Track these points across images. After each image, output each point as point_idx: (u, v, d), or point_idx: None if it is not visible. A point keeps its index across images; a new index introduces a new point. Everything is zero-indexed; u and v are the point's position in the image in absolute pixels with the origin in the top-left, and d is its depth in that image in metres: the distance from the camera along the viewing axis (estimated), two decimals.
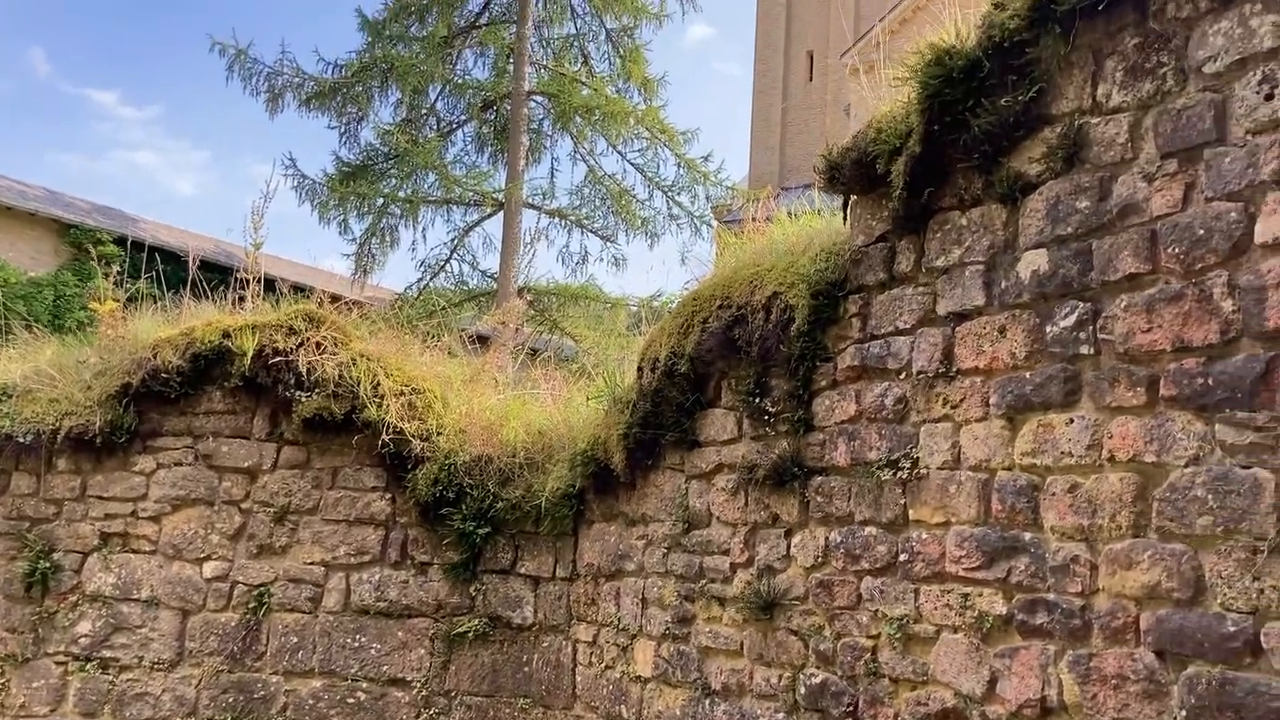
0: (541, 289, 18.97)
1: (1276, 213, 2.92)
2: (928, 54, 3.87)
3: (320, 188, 18.73)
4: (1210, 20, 3.15)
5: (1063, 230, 3.50)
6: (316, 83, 18.95)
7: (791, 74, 34.15)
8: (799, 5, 34.26)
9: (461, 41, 19.51)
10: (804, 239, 4.88)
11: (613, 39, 20.24)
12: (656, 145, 19.51)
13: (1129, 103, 3.36)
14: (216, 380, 6.56)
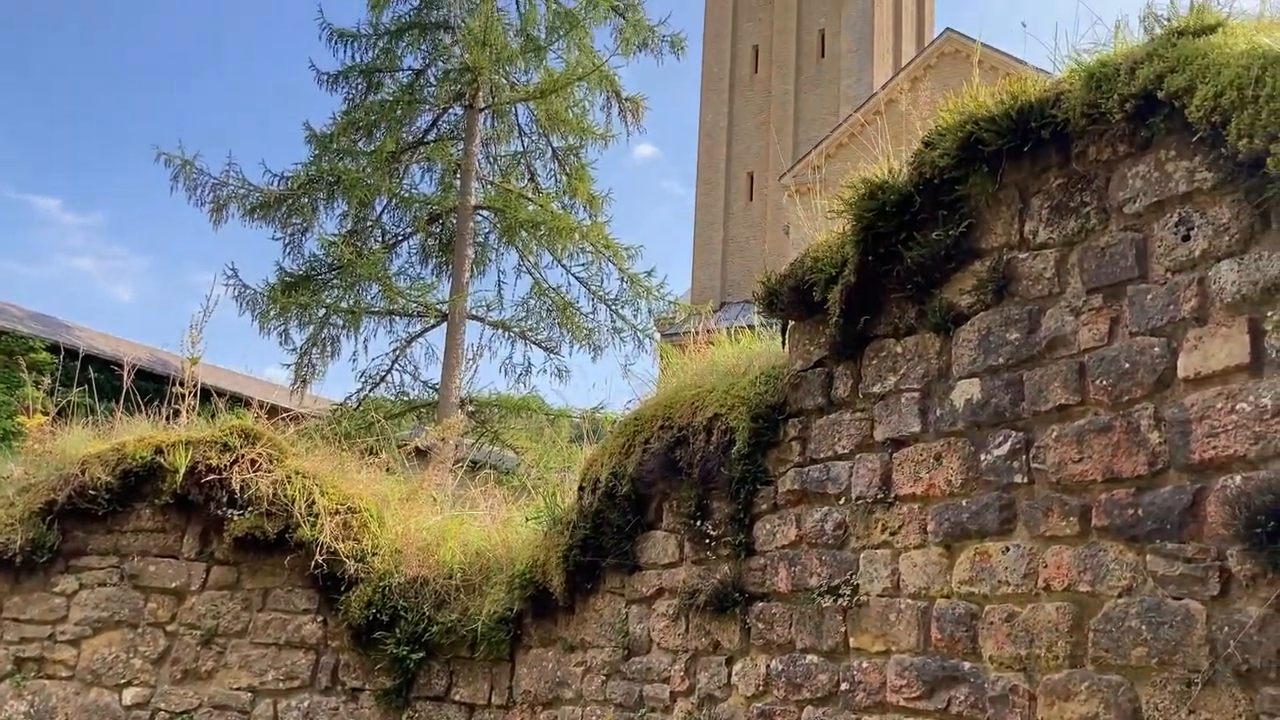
0: (484, 400, 18.91)
1: (1197, 348, 3.02)
2: (862, 188, 4.00)
3: (261, 298, 18.64)
4: (1129, 164, 3.29)
5: (994, 361, 3.59)
6: (262, 194, 19.02)
7: (732, 194, 34.99)
8: (739, 128, 35.30)
9: (409, 156, 19.77)
10: (744, 361, 4.93)
11: (559, 157, 20.64)
12: (601, 260, 19.78)
13: (1055, 239, 3.48)
14: (147, 497, 6.39)
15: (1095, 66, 3.38)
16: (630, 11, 20.77)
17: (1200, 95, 3.01)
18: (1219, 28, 3.16)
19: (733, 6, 36.25)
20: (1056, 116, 3.45)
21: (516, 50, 19.55)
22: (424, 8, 19.80)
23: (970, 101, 3.77)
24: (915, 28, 37.28)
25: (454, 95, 19.55)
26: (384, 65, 19.84)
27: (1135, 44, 3.38)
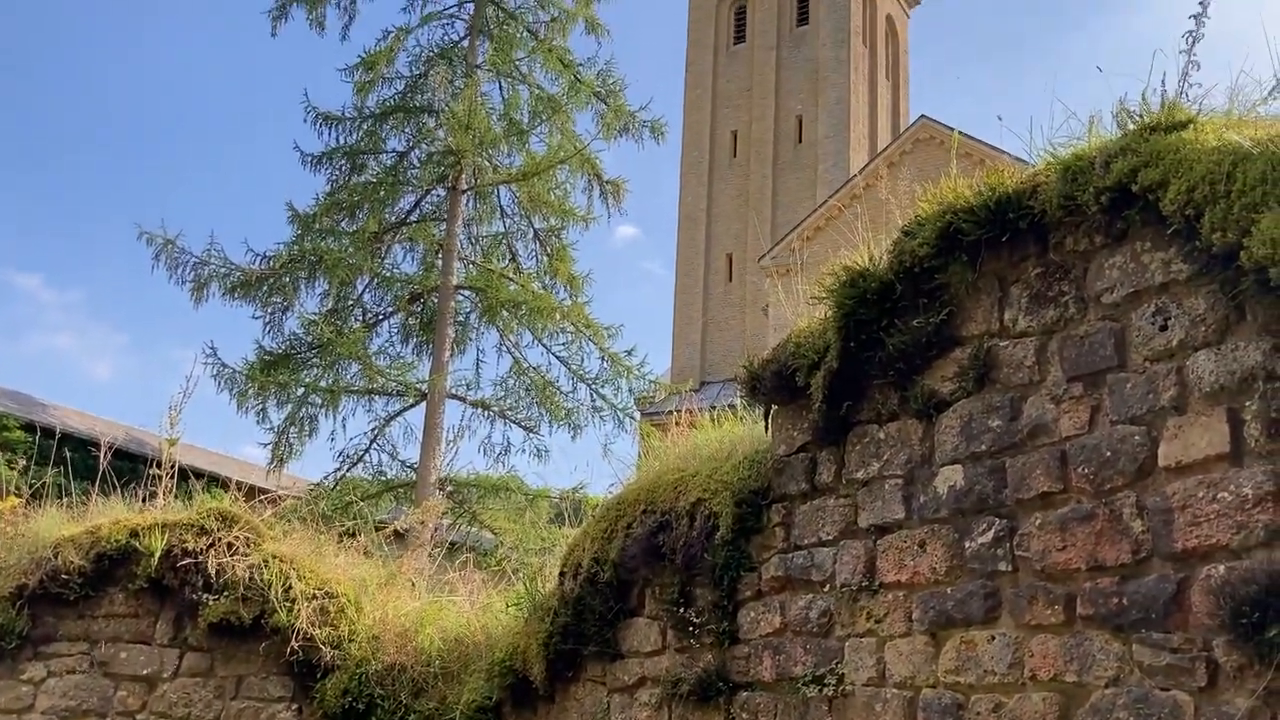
0: (462, 480, 18.78)
1: (1178, 437, 3.04)
2: (843, 275, 4.05)
3: (240, 376, 18.56)
4: (1105, 255, 3.35)
5: (977, 447, 3.60)
6: (243, 273, 19.06)
7: (712, 274, 35.32)
8: (718, 211, 35.76)
9: (391, 237, 19.90)
10: (727, 445, 4.93)
11: (540, 238, 20.83)
12: (581, 339, 19.84)
13: (1034, 327, 3.52)
14: (120, 581, 6.28)
15: (1070, 160, 3.46)
16: (612, 97, 21.15)
17: (1174, 189, 3.07)
18: (1190, 124, 3.25)
19: (712, 93, 36.98)
20: (1034, 208, 3.52)
21: (500, 134, 19.83)
22: (409, 92, 20.11)
23: (949, 192, 3.84)
24: (890, 114, 38.09)
25: (437, 177, 19.76)
26: (368, 147, 20.06)
27: (1109, 138, 3.47)
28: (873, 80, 37.20)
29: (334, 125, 20.01)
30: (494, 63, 20.76)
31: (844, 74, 34.92)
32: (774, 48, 36.41)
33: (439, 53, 20.49)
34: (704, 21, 37.90)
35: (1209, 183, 2.98)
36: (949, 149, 12.01)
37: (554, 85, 21.11)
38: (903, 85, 39.52)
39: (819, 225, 27.06)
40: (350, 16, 20.85)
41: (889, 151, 28.38)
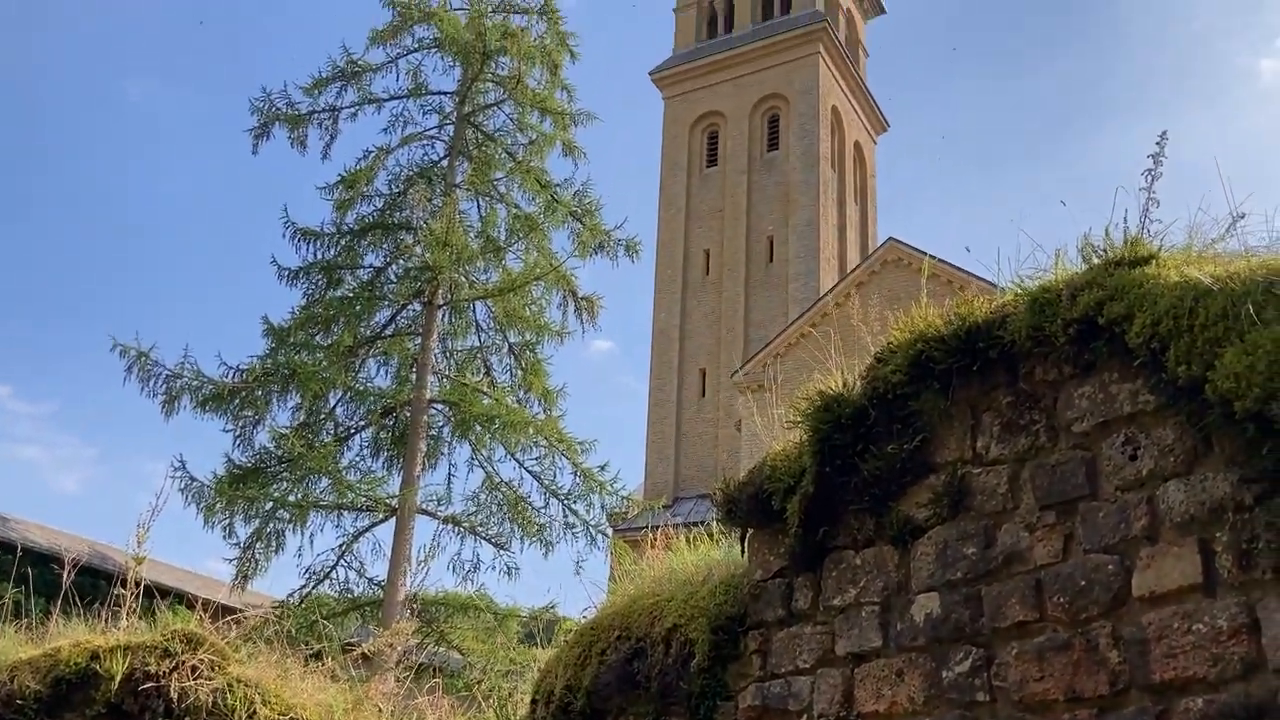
0: (430, 598, 18.44)
1: (1150, 567, 3.06)
2: (817, 399, 4.09)
3: (207, 490, 18.30)
4: (1074, 385, 3.42)
5: (952, 575, 3.60)
6: (215, 386, 18.97)
7: (685, 389, 35.48)
8: (691, 327, 36.13)
9: (366, 351, 19.94)
10: (703, 569, 4.90)
11: (515, 352, 20.92)
12: (555, 454, 19.76)
13: (1007, 455, 3.56)
14: (78, 707, 6.07)
15: (1038, 292, 3.55)
16: (588, 217, 21.54)
17: (1139, 323, 3.16)
18: (1152, 259, 3.36)
19: (685, 213, 37.73)
20: (1003, 338, 3.60)
21: (477, 251, 20.08)
22: (388, 210, 20.41)
23: (920, 320, 3.92)
24: (859, 235, 38.93)
25: (413, 292, 19.91)
26: (345, 262, 20.25)
27: (1075, 272, 3.57)
28: (841, 203, 38.11)
29: (312, 241, 20.22)
30: (472, 182, 21.16)
31: (813, 197, 35.78)
32: (745, 171, 37.34)
33: (418, 172, 20.88)
34: (678, 145, 38.89)
35: (1172, 317, 3.06)
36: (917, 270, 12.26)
37: (531, 204, 21.52)
38: (871, 207, 40.51)
39: (790, 343, 27.36)
40: (332, 136, 21.27)
41: (858, 273, 28.90)
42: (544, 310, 20.86)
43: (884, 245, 28.78)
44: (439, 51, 21.43)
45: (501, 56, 21.19)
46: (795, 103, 37.19)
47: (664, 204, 38.29)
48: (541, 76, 21.81)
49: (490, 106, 21.94)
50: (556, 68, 21.83)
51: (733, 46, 38.98)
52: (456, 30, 20.59)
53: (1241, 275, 3.00)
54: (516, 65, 21.07)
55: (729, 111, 38.31)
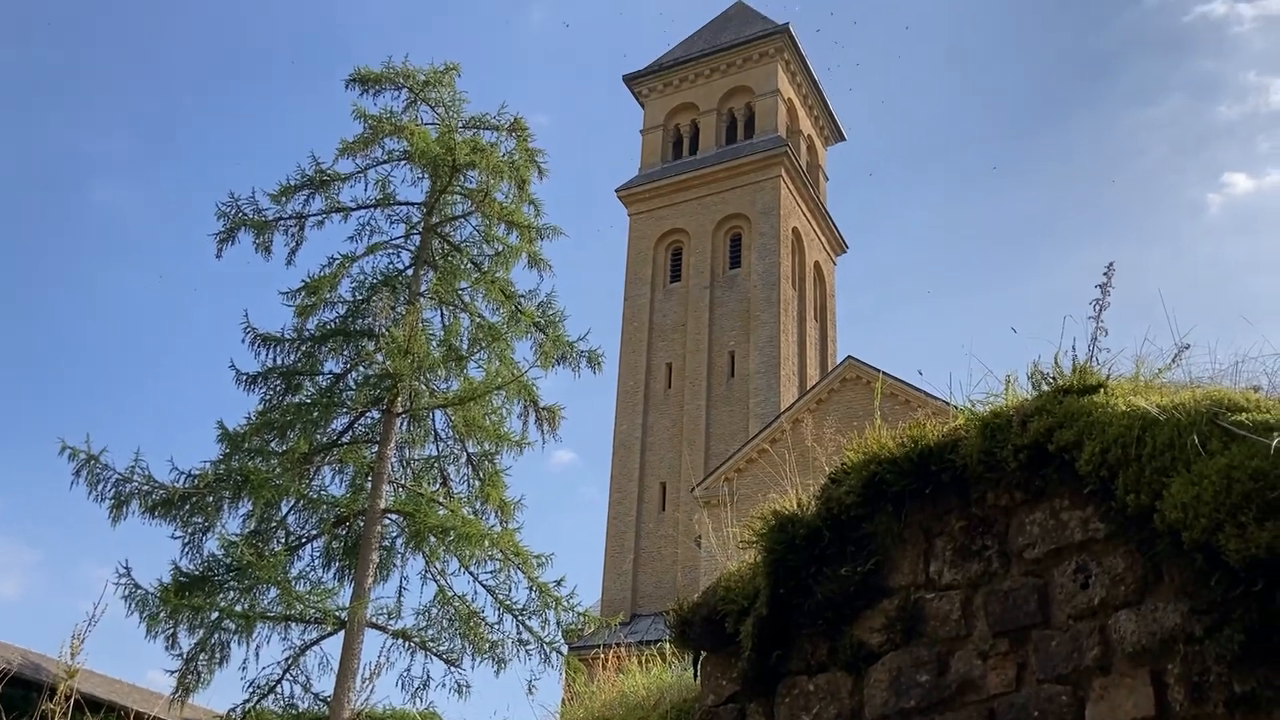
0: (377, 715, 17.86)
1: (1104, 698, 3.02)
2: (772, 520, 4.06)
3: (152, 599, 17.75)
4: (1026, 511, 3.42)
5: (906, 703, 3.53)
6: (165, 491, 18.57)
7: (645, 504, 35.23)
8: (653, 440, 36.09)
9: (322, 458, 19.66)
10: (655, 693, 4.79)
11: (474, 462, 20.71)
12: (510, 568, 19.41)
13: (960, 580, 3.54)
14: None
15: (989, 417, 3.58)
16: (551, 328, 21.62)
17: (1088, 450, 3.19)
18: (1100, 388, 3.41)
19: (648, 326, 38.05)
20: (955, 461, 3.61)
21: (438, 359, 20.03)
22: (350, 316, 20.38)
23: (873, 441, 3.93)
24: (819, 352, 39.39)
25: (372, 399, 19.76)
26: (305, 368, 20.10)
27: (1025, 397, 3.61)
28: (802, 320, 38.65)
29: (272, 346, 20.09)
30: (437, 291, 21.23)
31: (774, 314, 36.26)
32: (708, 287, 37.85)
33: (383, 280, 20.93)
34: (642, 260, 39.44)
35: (1121, 445, 3.09)
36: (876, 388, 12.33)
37: (495, 314, 21.57)
38: (830, 325, 41.10)
39: (751, 458, 27.34)
40: (297, 243, 21.31)
41: (818, 389, 29.13)
42: (504, 420, 20.74)
43: (843, 363, 29.09)
44: (408, 164, 21.72)
45: (470, 170, 21.50)
46: (757, 223, 37.99)
47: (628, 317, 38.63)
48: (509, 191, 22.12)
49: (458, 218, 22.17)
50: (524, 183, 22.17)
51: (697, 168, 39.91)
52: (427, 144, 20.90)
53: (1187, 406, 3.04)
54: (485, 180, 21.38)
55: (693, 229, 39.01)
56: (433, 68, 22.44)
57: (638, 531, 34.72)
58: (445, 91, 22.57)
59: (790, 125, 41.79)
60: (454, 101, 22.56)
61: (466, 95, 22.72)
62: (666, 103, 42.45)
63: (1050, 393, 3.48)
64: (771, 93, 40.40)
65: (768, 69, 41.01)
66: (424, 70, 22.40)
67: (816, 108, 44.43)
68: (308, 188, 21.32)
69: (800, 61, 42.31)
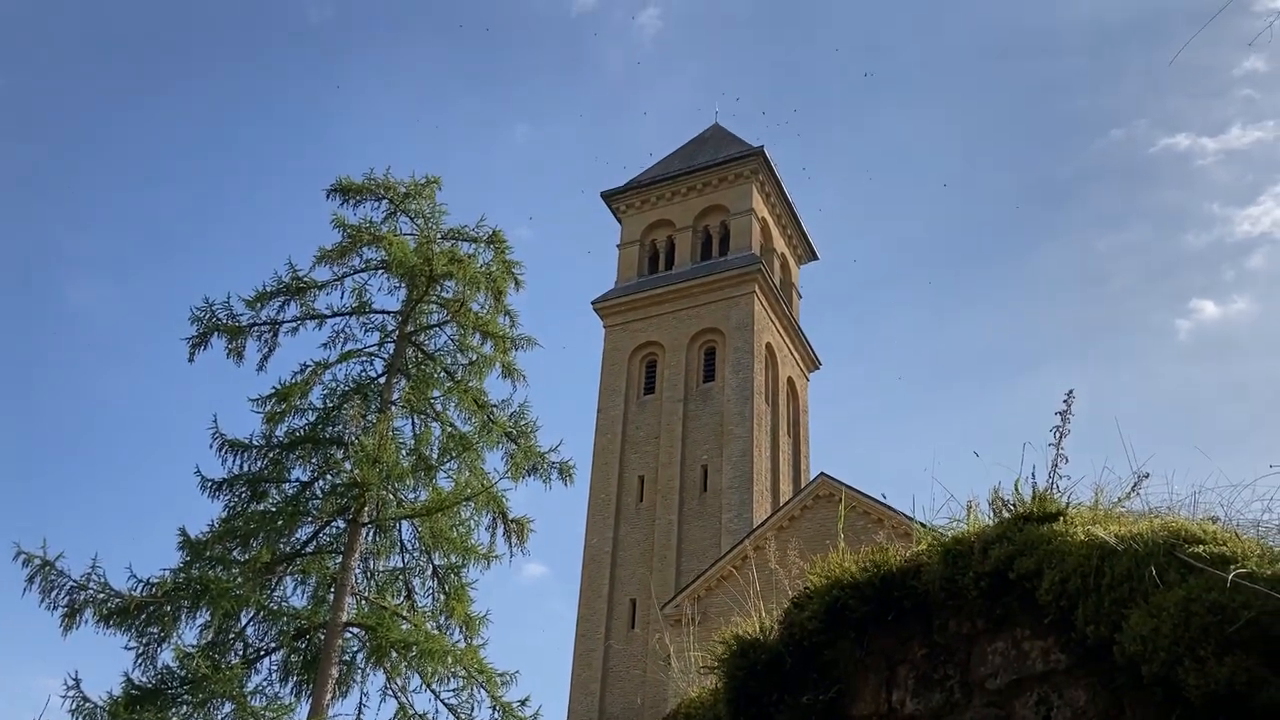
0: None
1: None
2: (734, 644, 4.01)
3: (101, 712, 17.14)
4: (988, 639, 3.39)
5: None
6: (121, 599, 18.10)
7: (614, 620, 34.65)
8: (624, 555, 35.70)
9: (284, 568, 19.27)
10: None
11: (439, 575, 20.35)
12: (473, 686, 18.92)
13: (922, 711, 3.48)
14: None
15: (951, 543, 3.58)
16: (523, 438, 21.52)
17: (1048, 579, 3.18)
18: (1060, 516, 3.41)
19: (621, 438, 37.98)
20: (917, 588, 3.59)
21: (407, 468, 19.84)
22: (320, 424, 20.24)
23: (836, 565, 3.91)
24: (791, 467, 39.36)
25: (339, 508, 19.49)
26: (271, 475, 19.86)
27: (986, 524, 3.61)
28: (775, 435, 38.72)
29: (240, 453, 19.87)
30: (409, 400, 21.16)
31: (747, 429, 36.32)
32: (682, 400, 37.96)
33: (355, 387, 20.86)
34: (617, 372, 39.60)
35: (1080, 575, 3.09)
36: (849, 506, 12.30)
37: (467, 424, 21.49)
38: (804, 440, 41.18)
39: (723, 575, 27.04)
40: (270, 349, 21.28)
41: (789, 507, 29.03)
42: (472, 532, 20.45)
43: (815, 480, 29.06)
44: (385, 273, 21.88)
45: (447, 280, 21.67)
46: (731, 338, 38.35)
47: (601, 429, 38.58)
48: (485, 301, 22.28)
49: (432, 327, 22.25)
50: (500, 294, 22.34)
51: (673, 282, 40.46)
52: (404, 254, 21.09)
53: (1145, 536, 3.05)
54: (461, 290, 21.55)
55: (667, 343, 39.33)
56: (414, 180, 22.77)
57: (606, 649, 34.06)
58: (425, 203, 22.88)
59: (764, 244, 42.58)
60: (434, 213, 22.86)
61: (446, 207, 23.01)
62: (644, 219, 43.26)
63: (1011, 520, 3.48)
64: (746, 212, 41.24)
65: (742, 189, 41.95)
66: (405, 182, 22.73)
67: (790, 227, 45.38)
68: (283, 294, 21.39)
69: (774, 183, 43.37)
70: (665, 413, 38.07)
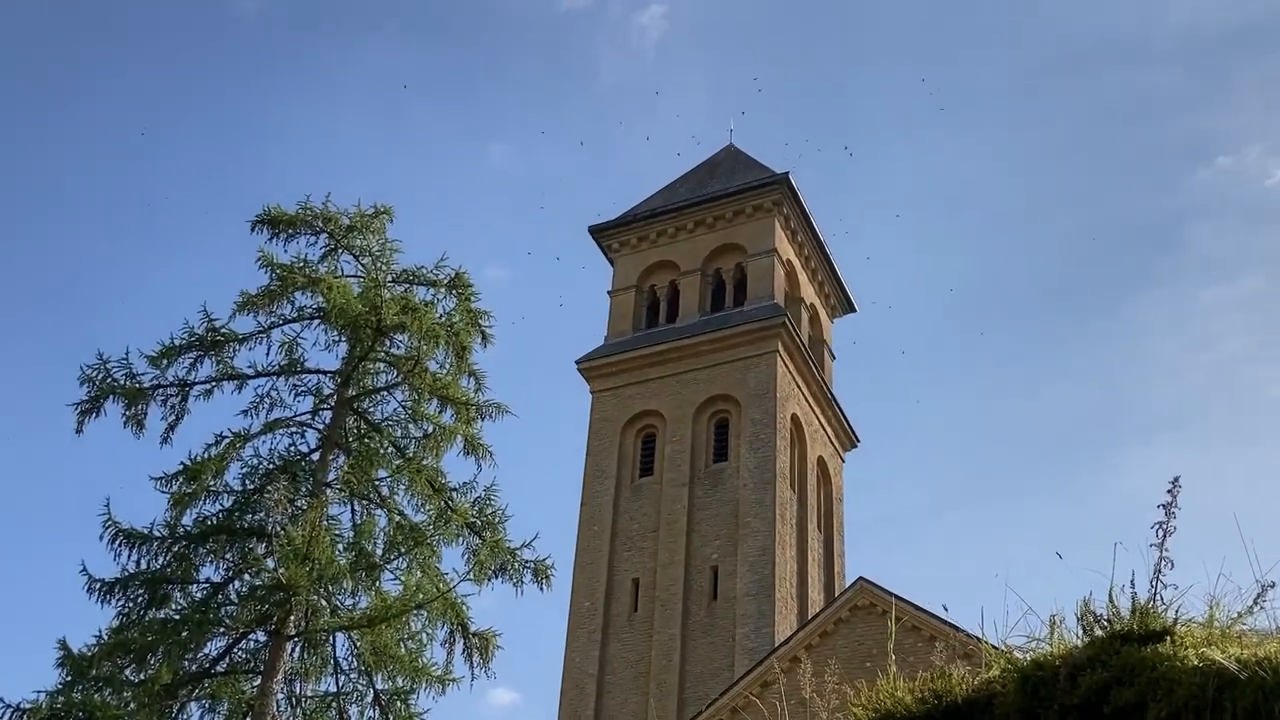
0: None
1: None
2: None
3: None
4: None
5: None
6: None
7: None
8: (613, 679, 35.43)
9: (188, 692, 19.11)
10: None
11: (382, 702, 20.18)
12: None
13: None
14: None
15: (1030, 668, 3.55)
16: (489, 530, 21.45)
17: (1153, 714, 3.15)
18: (1166, 635, 3.40)
19: (611, 531, 37.79)
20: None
21: (344, 568, 19.73)
22: (237, 510, 20.20)
23: (887, 695, 3.87)
24: (822, 569, 39.17)
25: (258, 617, 19.36)
26: (176, 574, 19.78)
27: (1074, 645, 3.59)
28: (802, 529, 38.56)
29: (137, 545, 19.78)
30: (348, 481, 21.13)
31: (768, 520, 36.15)
32: (687, 484, 37.82)
33: (281, 465, 20.85)
34: (606, 449, 39.48)
35: (1193, 710, 3.06)
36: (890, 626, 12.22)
37: (420, 512, 21.44)
38: (838, 536, 41.01)
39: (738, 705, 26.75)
40: (178, 416, 21.30)
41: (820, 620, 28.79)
42: (424, 648, 20.32)
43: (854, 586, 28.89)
44: (323, 323, 21.97)
45: (398, 334, 21.76)
46: (748, 407, 38.31)
47: (585, 520, 38.41)
48: (446, 359, 22.35)
49: (379, 391, 22.30)
50: (464, 350, 22.41)
51: (676, 338, 40.51)
52: (347, 300, 21.16)
53: (1273, 661, 3.03)
54: (416, 345, 21.62)
55: (669, 413, 39.29)
56: (359, 210, 22.93)
57: None
58: (374, 238, 23.04)
59: (790, 292, 42.72)
60: (383, 250, 23.01)
61: (399, 244, 23.14)
62: (641, 260, 43.41)
63: (1105, 639, 3.46)
64: (767, 252, 41.41)
65: (763, 225, 42.16)
66: (349, 212, 22.89)
67: (821, 272, 45.52)
68: (196, 349, 21.45)
69: (802, 217, 43.55)
70: (666, 500, 37.96)
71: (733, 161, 45.94)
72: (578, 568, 37.49)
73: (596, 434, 40.08)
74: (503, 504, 21.86)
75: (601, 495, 38.79)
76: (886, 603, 26.33)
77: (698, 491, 37.90)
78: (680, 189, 45.00)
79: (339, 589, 20.18)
